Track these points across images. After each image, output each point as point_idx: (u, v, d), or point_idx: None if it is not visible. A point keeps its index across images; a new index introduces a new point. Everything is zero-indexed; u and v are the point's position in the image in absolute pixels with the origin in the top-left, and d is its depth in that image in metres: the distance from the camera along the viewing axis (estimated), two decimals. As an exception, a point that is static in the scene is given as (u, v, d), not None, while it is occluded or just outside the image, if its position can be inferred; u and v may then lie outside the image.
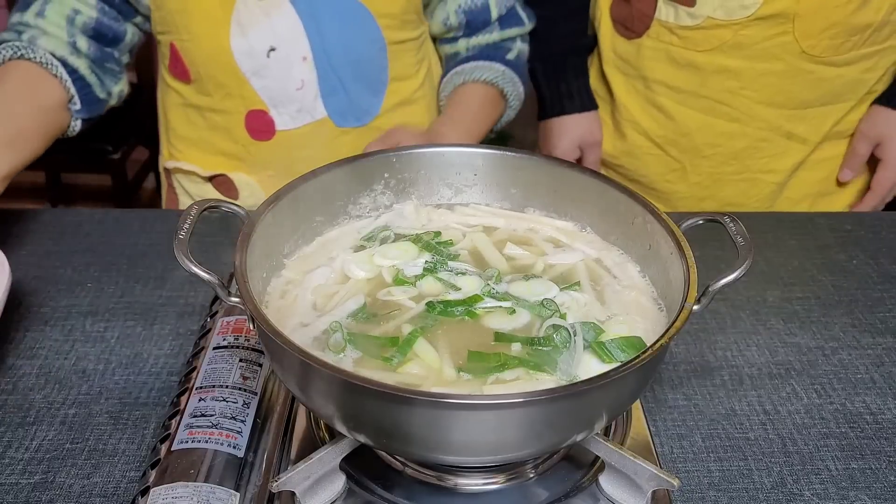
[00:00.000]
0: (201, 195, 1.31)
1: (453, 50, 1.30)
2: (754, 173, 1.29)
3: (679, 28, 1.22)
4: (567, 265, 0.80)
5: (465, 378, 0.65)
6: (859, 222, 1.20)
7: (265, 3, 1.14)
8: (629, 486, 0.69)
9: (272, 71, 1.17)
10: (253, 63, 1.17)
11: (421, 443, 0.60)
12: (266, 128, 1.22)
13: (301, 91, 1.19)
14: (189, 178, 1.31)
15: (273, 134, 1.22)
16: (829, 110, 1.24)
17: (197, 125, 1.26)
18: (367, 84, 1.23)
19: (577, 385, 0.59)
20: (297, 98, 1.19)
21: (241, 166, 1.26)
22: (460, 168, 0.86)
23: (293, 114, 1.21)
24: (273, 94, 1.19)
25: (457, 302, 0.73)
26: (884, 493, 0.77)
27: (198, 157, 1.29)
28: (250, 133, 1.22)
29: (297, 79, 1.18)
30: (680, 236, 0.71)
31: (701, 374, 0.91)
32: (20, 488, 0.75)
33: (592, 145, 1.39)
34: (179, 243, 0.66)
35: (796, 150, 1.27)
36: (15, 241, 1.09)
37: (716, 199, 1.33)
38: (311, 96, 1.20)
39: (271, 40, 1.15)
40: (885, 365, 0.93)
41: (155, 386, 0.87)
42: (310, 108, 1.21)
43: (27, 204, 3.10)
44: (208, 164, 1.28)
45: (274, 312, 0.72)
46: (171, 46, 1.20)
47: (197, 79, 1.20)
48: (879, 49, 1.20)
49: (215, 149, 1.26)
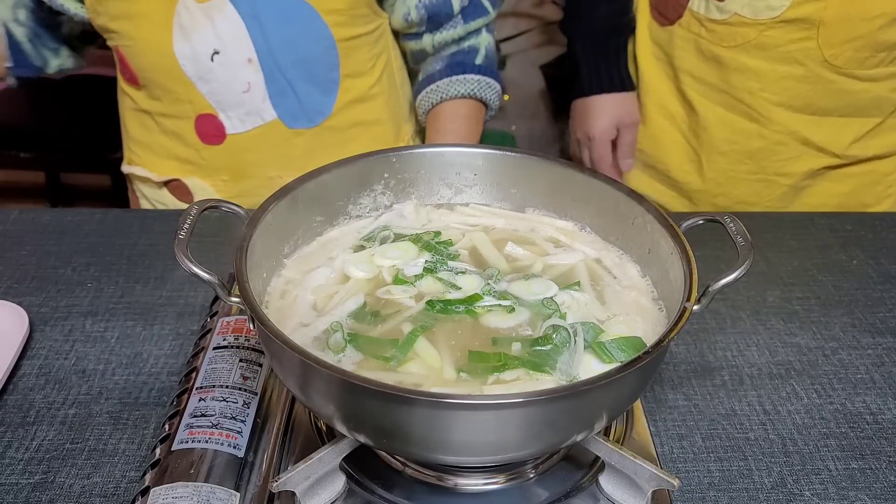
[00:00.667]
0: (158, 199, 1.31)
1: (419, 47, 1.28)
2: (769, 175, 1.29)
3: (708, 21, 1.23)
4: (567, 265, 0.80)
5: (464, 378, 0.65)
6: (859, 222, 1.20)
7: (206, 6, 1.12)
8: (629, 486, 0.69)
9: (217, 74, 1.15)
10: (197, 67, 1.15)
11: (421, 443, 0.60)
12: (216, 132, 1.20)
13: (248, 94, 1.17)
14: (145, 184, 1.31)
15: (224, 138, 1.21)
16: (849, 122, 1.24)
17: (150, 130, 1.25)
18: (317, 83, 1.20)
19: (577, 385, 0.59)
20: (245, 101, 1.18)
21: (194, 171, 1.26)
22: (460, 168, 0.86)
23: (242, 117, 1.19)
24: (220, 98, 1.18)
25: (457, 301, 0.73)
26: (884, 493, 0.77)
27: (153, 161, 1.28)
28: (201, 137, 1.21)
29: (244, 81, 1.16)
30: (680, 236, 0.71)
31: (701, 374, 0.91)
32: (20, 488, 0.75)
33: (629, 126, 1.36)
34: (179, 243, 0.66)
35: (812, 157, 1.27)
36: (15, 241, 1.09)
37: (729, 196, 1.32)
38: (259, 98, 1.18)
39: (214, 43, 1.13)
40: (885, 365, 0.93)
41: (155, 386, 0.87)
42: (259, 111, 1.19)
43: (27, 204, 3.12)
44: (163, 169, 1.27)
45: (274, 312, 0.72)
46: (118, 52, 1.20)
47: (145, 84, 1.20)
48: None
49: (169, 153, 1.26)
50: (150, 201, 1.33)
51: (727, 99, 1.26)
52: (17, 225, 1.12)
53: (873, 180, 1.30)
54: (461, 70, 1.26)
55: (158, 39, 1.14)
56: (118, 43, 1.19)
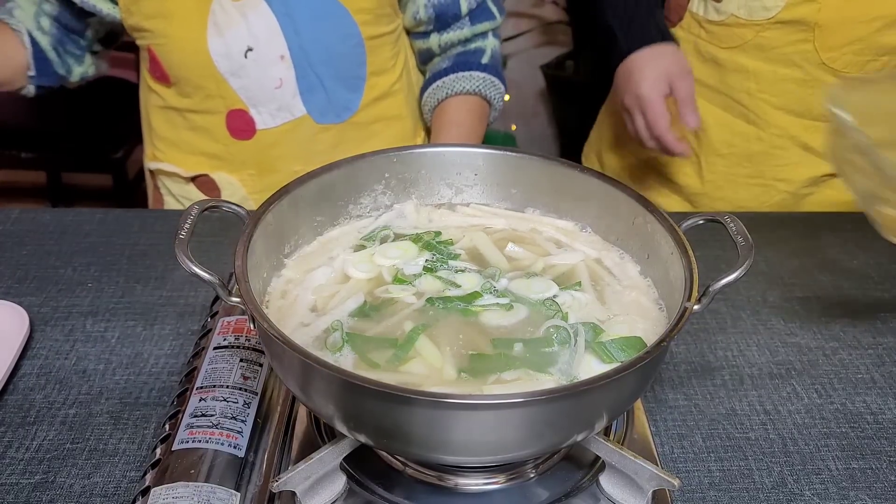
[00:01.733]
0: (184, 195, 1.32)
1: (425, 45, 1.31)
2: (767, 180, 1.29)
3: (706, 22, 1.23)
4: (567, 265, 0.80)
5: (465, 378, 0.65)
6: (859, 222, 1.20)
7: (240, 4, 1.14)
8: (629, 486, 0.69)
9: (250, 71, 1.18)
10: (231, 64, 1.17)
11: (421, 443, 0.60)
12: (247, 127, 1.22)
13: (280, 90, 1.20)
14: (171, 179, 1.32)
15: (254, 133, 1.23)
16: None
17: (178, 126, 1.27)
18: (345, 80, 1.24)
19: (577, 385, 0.59)
20: (277, 97, 1.20)
21: (222, 165, 1.27)
22: (461, 168, 0.86)
23: (273, 112, 1.21)
24: (252, 94, 1.20)
25: (457, 298, 0.73)
26: (884, 493, 0.77)
27: (179, 157, 1.29)
28: (231, 133, 1.23)
29: (276, 78, 1.19)
30: (680, 236, 0.71)
31: (701, 374, 0.91)
32: (20, 488, 0.75)
33: (681, 75, 1.19)
34: (179, 243, 0.66)
35: (813, 164, 1.26)
36: (15, 241, 1.09)
37: (729, 200, 1.32)
38: (290, 94, 1.20)
39: (248, 40, 1.16)
40: (886, 365, 0.93)
41: (155, 386, 0.87)
42: (289, 107, 1.21)
43: (27, 204, 3.12)
44: (190, 165, 1.29)
45: (274, 312, 0.72)
46: (149, 50, 1.21)
47: (176, 81, 1.21)
48: None
49: (196, 149, 1.27)
50: (175, 197, 1.33)
51: (725, 100, 1.25)
52: (18, 225, 1.12)
53: None
54: (466, 67, 1.28)
55: (193, 37, 1.16)
56: (150, 42, 1.20)
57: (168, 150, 1.30)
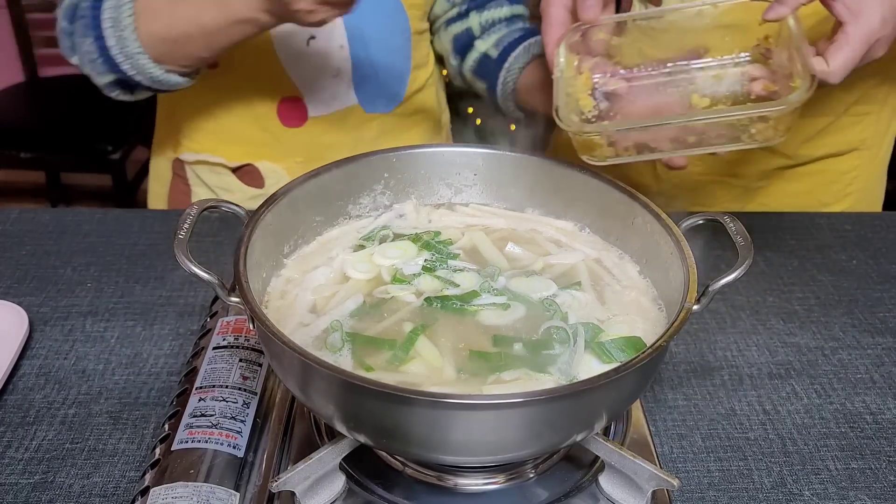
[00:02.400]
0: (223, 186, 1.31)
1: (464, 27, 1.30)
2: (720, 176, 1.28)
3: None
4: (566, 264, 0.80)
5: (464, 378, 0.65)
6: (859, 222, 1.20)
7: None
8: (629, 486, 0.69)
9: (310, 59, 1.19)
10: (292, 51, 1.18)
11: (421, 443, 0.60)
12: (299, 114, 1.24)
13: (336, 78, 1.21)
14: (212, 170, 1.30)
15: (305, 121, 1.24)
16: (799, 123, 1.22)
17: (221, 114, 1.26)
18: (395, 72, 1.26)
19: (577, 385, 0.59)
20: (332, 85, 1.22)
21: (268, 153, 1.27)
22: (460, 168, 0.86)
23: (326, 101, 1.23)
24: (308, 82, 1.21)
25: (455, 297, 0.73)
26: (884, 493, 0.77)
27: (220, 147, 1.28)
28: (282, 120, 1.24)
29: (334, 67, 1.20)
30: (679, 236, 0.71)
31: (701, 374, 0.91)
32: (20, 488, 0.75)
33: None
34: (179, 243, 0.66)
35: (763, 158, 1.25)
36: (15, 241, 1.09)
37: (684, 198, 1.31)
38: (345, 84, 1.22)
39: (312, 29, 1.16)
40: (885, 365, 0.93)
41: (155, 386, 0.87)
42: (342, 96, 1.23)
43: (27, 204, 3.12)
44: (232, 155, 1.28)
45: (274, 312, 0.72)
46: None
47: (230, 69, 1.20)
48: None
49: (241, 137, 1.26)
50: (211, 189, 1.32)
51: None
52: (17, 225, 1.12)
53: (830, 179, 1.28)
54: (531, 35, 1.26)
55: None
56: None
57: (207, 140, 1.29)
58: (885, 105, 1.22)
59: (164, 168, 1.37)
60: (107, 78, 1.08)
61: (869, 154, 1.26)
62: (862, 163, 1.27)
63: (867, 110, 1.22)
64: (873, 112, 1.22)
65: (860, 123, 1.22)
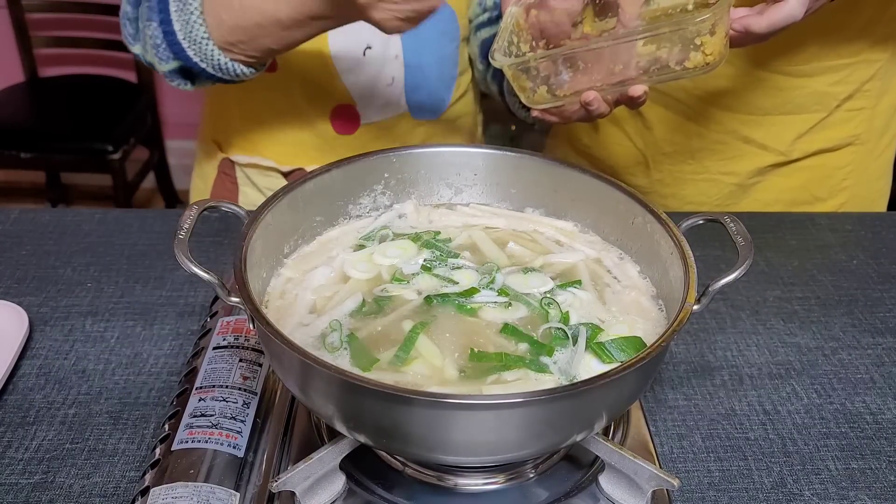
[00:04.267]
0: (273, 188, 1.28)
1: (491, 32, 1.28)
2: (713, 174, 1.28)
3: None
4: (566, 263, 0.80)
5: (465, 378, 0.65)
6: (859, 222, 1.20)
7: None
8: (629, 486, 0.69)
9: (366, 68, 1.20)
10: (348, 60, 1.19)
11: (421, 443, 0.60)
12: (351, 122, 1.24)
13: (390, 87, 1.22)
14: (262, 172, 1.30)
15: (357, 128, 1.25)
16: (791, 120, 1.22)
17: (272, 117, 1.26)
18: (444, 80, 1.28)
19: (577, 385, 0.59)
20: (385, 94, 1.22)
21: (318, 158, 1.26)
22: (460, 168, 0.86)
23: (379, 108, 1.24)
24: (363, 91, 1.22)
25: (454, 294, 0.73)
26: (884, 493, 0.77)
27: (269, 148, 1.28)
28: (335, 127, 1.24)
29: (388, 76, 1.21)
30: (679, 236, 0.71)
31: (701, 374, 0.91)
32: (20, 488, 0.75)
33: None
34: (179, 243, 0.66)
35: (756, 155, 1.25)
36: (15, 241, 1.09)
37: (677, 197, 1.32)
38: (398, 92, 1.23)
39: (369, 39, 1.18)
40: (885, 365, 0.93)
41: (155, 386, 0.87)
42: (394, 104, 1.24)
43: (27, 204, 3.12)
44: (282, 158, 1.28)
45: (274, 312, 0.72)
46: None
47: (285, 74, 1.20)
48: (849, 63, 1.17)
49: (292, 141, 1.26)
50: (259, 189, 1.32)
51: (666, 99, 1.24)
52: (17, 225, 1.12)
53: (824, 174, 1.28)
54: None
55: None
56: None
57: (259, 141, 1.28)
58: (879, 101, 1.23)
59: (209, 166, 1.36)
60: (170, 65, 1.04)
61: (864, 149, 1.26)
62: (856, 158, 1.27)
63: (860, 105, 1.22)
64: (867, 108, 1.22)
65: (854, 119, 1.23)
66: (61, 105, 2.77)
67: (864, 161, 1.27)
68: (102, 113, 2.69)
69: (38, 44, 2.83)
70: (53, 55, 2.93)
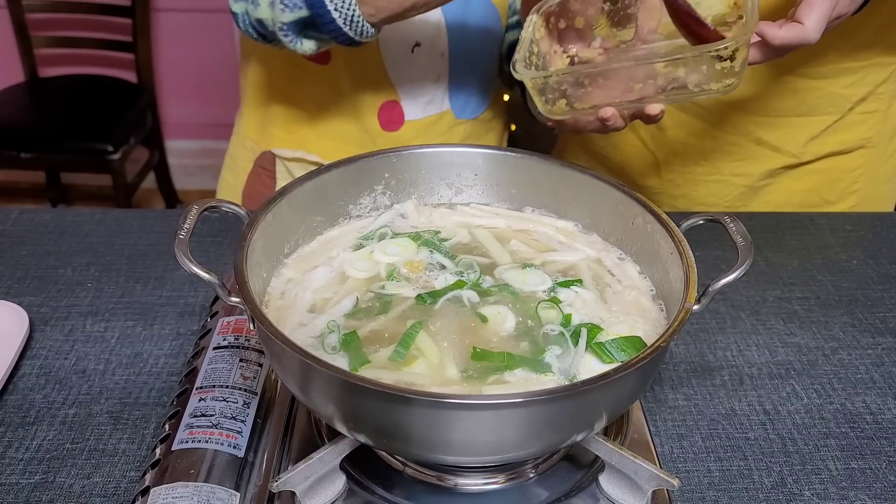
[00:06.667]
0: None
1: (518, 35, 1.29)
2: (724, 175, 1.28)
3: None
4: (567, 262, 0.80)
5: (464, 377, 0.65)
6: (860, 222, 1.20)
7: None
8: (629, 486, 0.69)
9: (413, 65, 1.20)
10: (397, 57, 1.19)
11: (421, 443, 0.60)
12: (397, 119, 1.25)
13: (435, 84, 1.23)
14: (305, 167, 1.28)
15: (402, 125, 1.25)
16: (805, 122, 1.22)
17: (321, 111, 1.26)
18: (485, 79, 1.29)
19: (577, 385, 0.59)
20: (430, 91, 1.23)
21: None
22: (460, 168, 0.86)
23: (423, 105, 1.24)
24: (409, 87, 1.22)
25: (445, 289, 0.74)
26: (884, 492, 0.77)
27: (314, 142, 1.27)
28: (382, 124, 1.25)
29: (434, 73, 1.22)
30: (679, 236, 0.71)
31: (701, 374, 0.91)
32: (20, 488, 0.75)
33: None
34: (179, 243, 0.66)
35: (768, 157, 1.25)
36: (15, 241, 1.09)
37: (688, 198, 1.32)
38: (442, 90, 1.24)
39: (418, 36, 1.18)
40: (885, 365, 0.93)
41: (155, 386, 0.87)
42: (438, 101, 1.25)
43: (27, 204, 3.12)
44: (327, 153, 1.28)
45: (274, 312, 0.72)
46: None
47: (335, 68, 1.20)
48: (864, 65, 1.17)
49: (339, 135, 1.26)
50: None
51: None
52: (17, 225, 1.12)
53: (835, 177, 1.28)
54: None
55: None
56: None
57: (305, 134, 1.28)
58: (891, 104, 1.23)
59: (244, 159, 1.34)
60: (295, 14, 0.96)
61: (875, 152, 1.26)
62: (867, 161, 1.27)
63: (873, 108, 1.22)
64: (879, 111, 1.22)
65: (866, 122, 1.23)
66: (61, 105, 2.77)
67: (874, 164, 1.27)
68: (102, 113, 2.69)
69: (38, 44, 2.83)
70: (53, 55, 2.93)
